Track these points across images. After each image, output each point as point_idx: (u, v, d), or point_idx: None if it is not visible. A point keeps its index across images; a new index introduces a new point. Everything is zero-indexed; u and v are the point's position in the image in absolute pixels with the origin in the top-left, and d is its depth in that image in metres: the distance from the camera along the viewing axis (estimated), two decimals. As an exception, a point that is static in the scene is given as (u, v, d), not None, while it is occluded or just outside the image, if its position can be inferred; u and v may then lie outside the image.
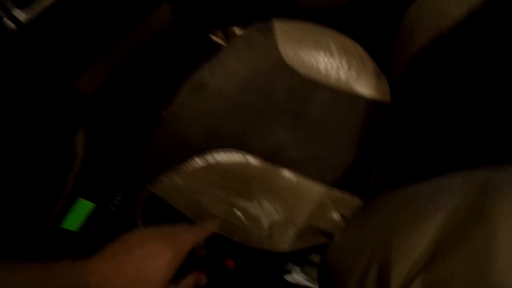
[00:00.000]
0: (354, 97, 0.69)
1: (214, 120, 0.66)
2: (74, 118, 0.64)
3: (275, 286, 0.71)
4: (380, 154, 0.66)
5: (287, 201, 0.62)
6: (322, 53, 0.71)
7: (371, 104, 0.69)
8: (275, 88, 0.68)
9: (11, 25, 0.52)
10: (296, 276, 0.69)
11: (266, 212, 0.62)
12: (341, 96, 0.69)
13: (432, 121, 0.56)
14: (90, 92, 0.66)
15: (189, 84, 0.68)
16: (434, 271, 0.33)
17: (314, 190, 0.63)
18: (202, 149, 0.64)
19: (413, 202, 0.43)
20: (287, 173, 0.64)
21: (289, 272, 0.69)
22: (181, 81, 0.69)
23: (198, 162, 0.63)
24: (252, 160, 0.64)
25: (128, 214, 0.70)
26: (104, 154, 0.72)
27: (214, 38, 0.84)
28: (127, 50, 0.71)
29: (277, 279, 0.70)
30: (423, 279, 0.33)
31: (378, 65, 0.72)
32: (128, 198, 0.72)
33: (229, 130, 0.65)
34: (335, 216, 0.62)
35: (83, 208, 0.69)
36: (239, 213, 0.62)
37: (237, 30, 0.80)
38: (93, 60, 0.65)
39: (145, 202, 0.68)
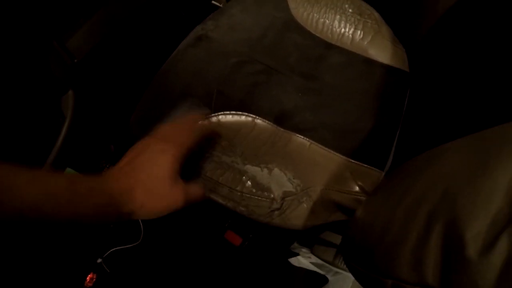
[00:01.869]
0: (369, 62, 0.63)
1: (218, 77, 0.57)
2: (65, 79, 0.59)
3: (278, 269, 0.62)
4: (401, 124, 0.60)
5: (300, 169, 0.54)
6: (335, 14, 0.64)
7: (388, 70, 0.63)
8: (284, 46, 0.61)
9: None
10: (302, 259, 0.60)
11: (277, 180, 0.53)
12: (355, 59, 0.63)
13: (459, 87, 0.50)
14: (83, 53, 0.61)
15: (191, 36, 0.59)
16: None
17: (330, 159, 0.55)
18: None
19: (473, 151, 0.36)
20: (299, 139, 0.56)
21: (296, 254, 0.60)
22: (178, 44, 0.61)
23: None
24: (261, 122, 0.56)
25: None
26: (94, 117, 0.63)
27: (214, 1, 0.76)
28: (122, 11, 0.64)
29: (281, 261, 0.61)
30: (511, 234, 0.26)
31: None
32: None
33: (235, 89, 0.57)
34: (355, 188, 0.54)
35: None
36: (247, 181, 0.53)
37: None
38: (86, 19, 0.60)
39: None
